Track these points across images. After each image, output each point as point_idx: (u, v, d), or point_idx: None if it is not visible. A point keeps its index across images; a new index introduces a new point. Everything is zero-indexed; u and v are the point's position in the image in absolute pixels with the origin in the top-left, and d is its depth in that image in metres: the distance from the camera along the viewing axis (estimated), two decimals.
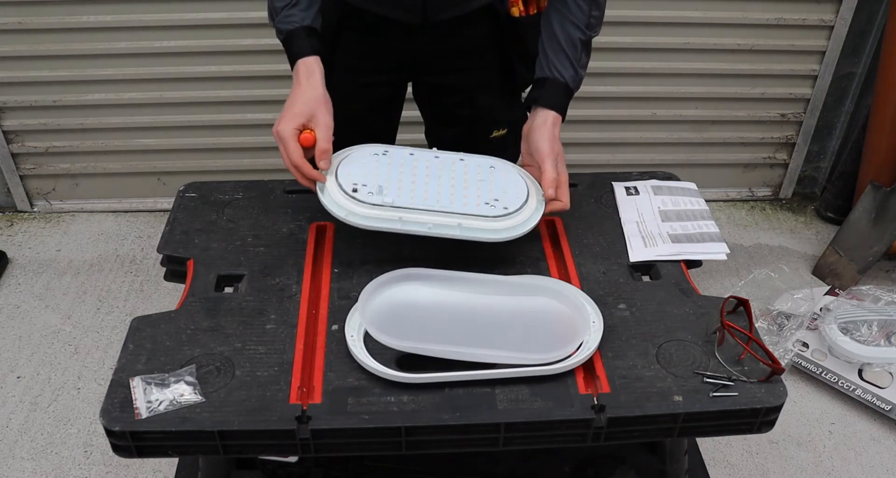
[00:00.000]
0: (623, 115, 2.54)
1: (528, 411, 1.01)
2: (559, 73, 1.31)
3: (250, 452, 1.06)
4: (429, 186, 1.23)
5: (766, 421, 1.05)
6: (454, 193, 1.23)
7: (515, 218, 1.21)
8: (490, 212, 1.20)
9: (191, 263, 1.24)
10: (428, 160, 1.29)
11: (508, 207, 1.21)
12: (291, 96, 1.24)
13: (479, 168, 1.28)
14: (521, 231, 1.21)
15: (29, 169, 2.54)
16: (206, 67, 2.37)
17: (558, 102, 1.32)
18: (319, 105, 1.22)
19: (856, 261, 2.29)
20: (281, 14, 1.27)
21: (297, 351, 1.08)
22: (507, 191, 1.24)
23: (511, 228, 1.20)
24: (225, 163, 2.55)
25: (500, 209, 1.21)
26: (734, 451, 1.85)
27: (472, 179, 1.26)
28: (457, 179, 1.25)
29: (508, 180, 1.27)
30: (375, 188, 1.20)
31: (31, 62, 2.34)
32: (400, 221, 1.18)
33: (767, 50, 2.42)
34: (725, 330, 1.09)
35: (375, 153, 1.28)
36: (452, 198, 1.22)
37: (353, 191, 1.20)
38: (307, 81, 1.24)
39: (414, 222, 1.19)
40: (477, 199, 1.22)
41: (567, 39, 1.31)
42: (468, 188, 1.24)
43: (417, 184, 1.23)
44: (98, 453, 1.81)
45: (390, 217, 1.18)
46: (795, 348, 2.01)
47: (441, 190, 1.23)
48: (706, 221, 1.35)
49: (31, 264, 2.37)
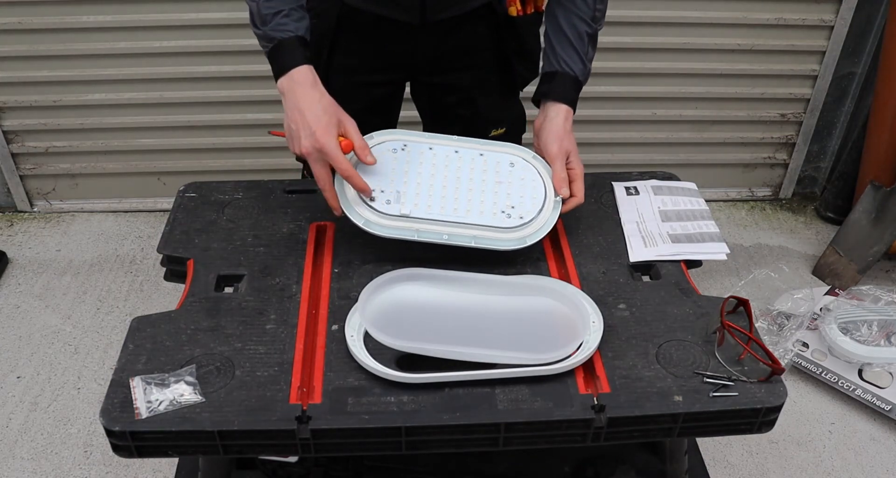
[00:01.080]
0: (623, 115, 2.54)
1: (528, 411, 1.01)
2: (568, 66, 1.32)
3: (250, 452, 1.06)
4: (447, 191, 1.24)
5: (766, 421, 1.05)
6: (471, 201, 1.24)
7: (530, 227, 1.23)
8: (505, 222, 1.22)
9: (191, 263, 1.24)
10: (447, 157, 1.28)
11: (524, 217, 1.23)
12: (304, 110, 1.18)
13: (498, 166, 1.28)
14: (535, 239, 1.23)
15: (29, 169, 2.54)
16: (206, 67, 2.37)
17: (569, 96, 1.32)
18: (339, 109, 1.21)
19: (856, 261, 2.29)
20: (273, 22, 1.24)
21: (297, 351, 1.08)
22: (525, 195, 1.25)
23: (526, 238, 1.23)
24: (225, 163, 2.55)
25: (517, 219, 1.23)
26: (734, 451, 1.85)
27: (490, 180, 1.27)
28: (474, 181, 1.26)
29: (527, 180, 1.27)
30: (393, 195, 1.22)
31: (31, 62, 2.34)
32: (417, 232, 1.21)
33: (767, 50, 2.42)
34: (725, 330, 1.09)
35: (394, 149, 1.27)
36: (470, 206, 1.23)
37: (371, 199, 1.21)
38: (315, 89, 1.20)
39: (430, 233, 1.21)
40: (493, 206, 1.24)
41: (574, 33, 1.31)
42: (485, 193, 1.25)
43: (435, 189, 1.24)
44: (98, 453, 1.81)
45: (408, 228, 1.21)
46: (795, 348, 2.01)
47: (459, 195, 1.24)
48: (706, 221, 1.35)
49: (30, 264, 2.37)
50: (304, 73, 1.21)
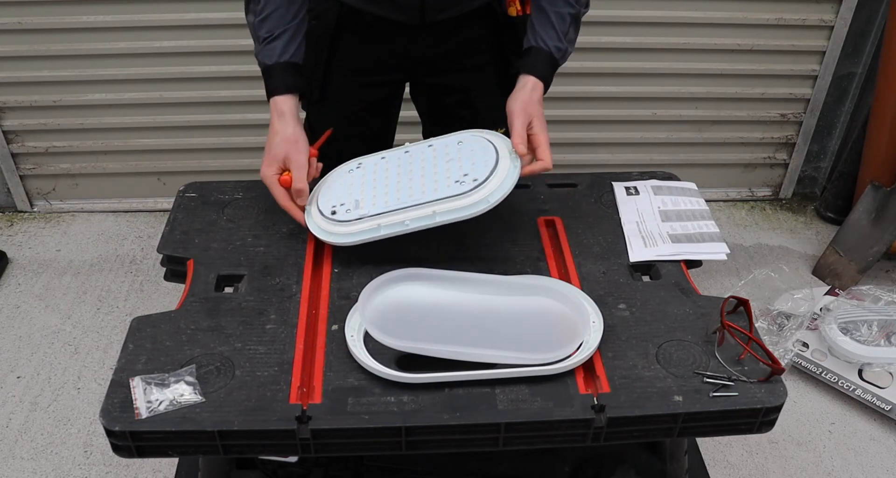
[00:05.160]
0: (623, 115, 2.54)
1: (528, 411, 1.01)
2: (543, 42, 1.32)
3: (250, 452, 1.06)
4: (401, 185, 1.25)
5: (766, 421, 1.04)
6: (425, 183, 1.23)
7: (488, 186, 1.18)
8: (460, 189, 1.18)
9: (191, 263, 1.24)
10: (398, 159, 1.31)
11: (478, 178, 1.18)
12: (268, 138, 1.29)
13: (447, 148, 1.28)
14: (497, 198, 1.17)
15: (29, 169, 2.54)
16: (206, 67, 2.37)
17: (539, 69, 1.31)
18: (290, 146, 1.26)
19: (856, 261, 2.29)
20: (261, 46, 1.29)
21: (297, 351, 1.08)
22: (476, 161, 1.22)
23: (486, 198, 1.17)
24: (225, 163, 2.54)
25: (471, 182, 1.18)
26: (734, 451, 1.85)
27: (441, 161, 1.26)
28: (426, 167, 1.26)
29: (476, 150, 1.25)
30: (352, 203, 1.24)
31: (31, 62, 2.34)
32: (378, 228, 1.20)
33: (767, 50, 2.42)
34: (725, 330, 1.09)
35: (350, 170, 1.32)
36: (424, 188, 1.22)
37: (332, 213, 1.24)
38: (279, 122, 1.28)
39: (392, 225, 1.20)
40: (447, 180, 1.21)
41: (555, 12, 1.31)
42: (437, 172, 1.24)
43: (390, 186, 1.25)
44: (98, 453, 1.81)
45: (370, 227, 1.21)
46: (795, 348, 2.01)
47: (412, 184, 1.24)
48: (706, 221, 1.35)
49: (31, 264, 2.37)
50: (279, 102, 1.29)
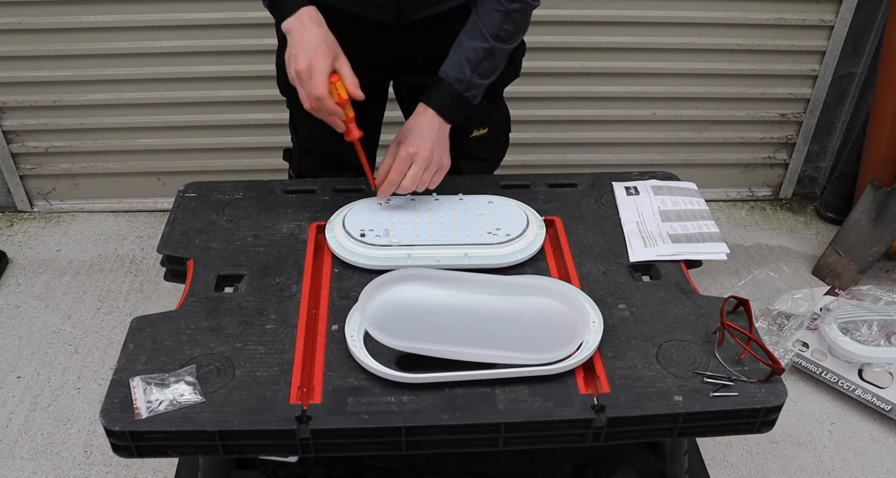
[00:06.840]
0: (623, 115, 2.54)
1: (528, 411, 1.01)
2: (446, 73, 1.33)
3: (250, 452, 1.06)
4: (432, 225, 1.29)
5: (766, 421, 1.04)
6: (457, 227, 1.29)
7: (518, 243, 1.26)
8: (493, 240, 1.26)
9: (191, 263, 1.24)
10: (428, 202, 1.35)
11: (511, 234, 1.26)
12: (306, 39, 1.21)
13: (477, 204, 1.34)
14: (526, 255, 1.26)
15: (29, 169, 2.54)
16: (206, 67, 2.37)
17: (438, 99, 1.33)
18: (339, 47, 1.23)
19: (856, 261, 2.29)
20: None
21: (297, 351, 1.08)
22: (508, 220, 1.30)
23: (516, 253, 1.25)
24: (225, 163, 2.55)
25: (503, 236, 1.26)
26: (734, 451, 1.85)
27: (473, 213, 1.32)
28: (458, 216, 1.31)
29: (507, 211, 1.32)
30: (382, 231, 1.26)
31: (31, 62, 2.34)
32: (409, 258, 1.23)
33: (767, 50, 2.42)
34: (725, 330, 1.09)
35: (379, 203, 1.34)
36: (456, 231, 1.28)
37: (360, 235, 1.25)
38: (321, 27, 1.23)
39: (422, 257, 1.23)
40: (479, 229, 1.28)
41: (468, 43, 1.32)
42: (469, 221, 1.30)
43: (421, 224, 1.29)
44: (98, 453, 1.81)
45: (399, 255, 1.23)
46: (795, 348, 2.01)
47: (445, 225, 1.29)
48: (706, 221, 1.35)
49: (31, 264, 2.37)
50: (310, 12, 1.24)
